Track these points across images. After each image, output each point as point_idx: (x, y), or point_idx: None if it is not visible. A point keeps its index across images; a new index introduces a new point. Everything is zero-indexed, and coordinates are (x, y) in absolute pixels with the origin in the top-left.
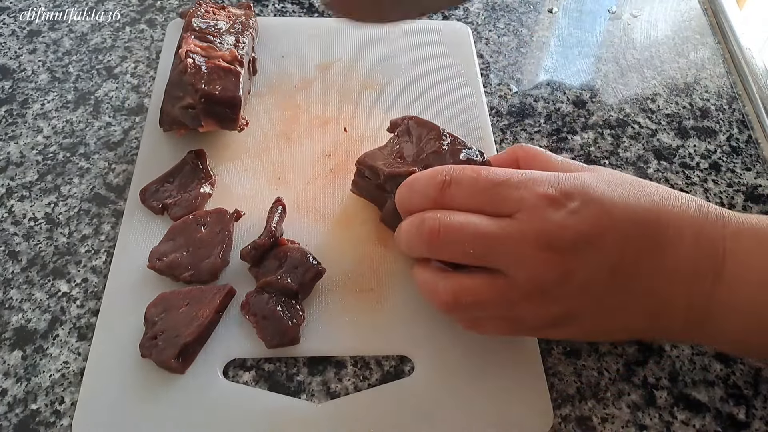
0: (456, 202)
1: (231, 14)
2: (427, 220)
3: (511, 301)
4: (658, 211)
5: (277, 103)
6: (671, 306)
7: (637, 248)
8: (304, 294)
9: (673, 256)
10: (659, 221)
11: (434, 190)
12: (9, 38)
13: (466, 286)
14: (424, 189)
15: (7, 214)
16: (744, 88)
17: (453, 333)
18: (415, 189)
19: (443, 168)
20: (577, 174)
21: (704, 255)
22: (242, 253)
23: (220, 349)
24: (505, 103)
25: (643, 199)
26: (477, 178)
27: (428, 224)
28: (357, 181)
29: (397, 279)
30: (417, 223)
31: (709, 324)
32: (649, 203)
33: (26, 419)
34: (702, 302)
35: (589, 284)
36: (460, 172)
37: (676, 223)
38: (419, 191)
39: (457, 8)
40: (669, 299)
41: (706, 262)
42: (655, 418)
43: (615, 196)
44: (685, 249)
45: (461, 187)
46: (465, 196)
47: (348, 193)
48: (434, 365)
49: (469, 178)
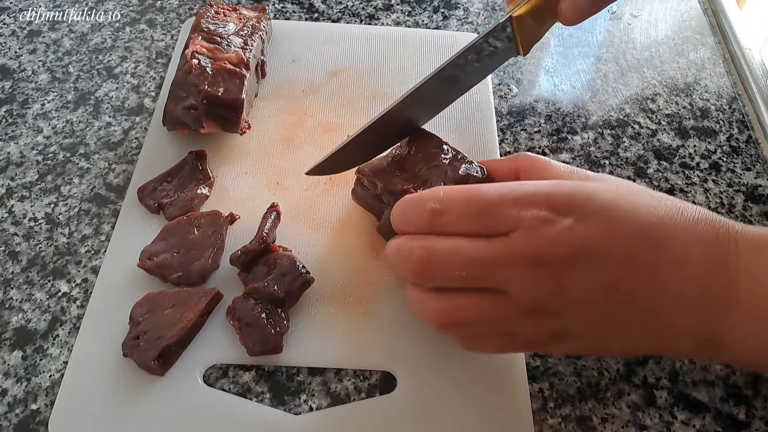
0: (448, 228)
1: (242, 16)
2: (416, 250)
3: (507, 317)
4: (665, 226)
5: (283, 107)
6: (678, 332)
7: (639, 268)
8: (290, 302)
9: (678, 278)
10: (665, 238)
11: (425, 220)
12: (9, 38)
13: (459, 305)
14: (414, 217)
15: (8, 214)
16: (744, 88)
17: (437, 350)
18: (406, 216)
19: (432, 194)
20: (577, 184)
21: (714, 276)
22: (232, 258)
23: (202, 353)
24: (505, 103)
25: (650, 214)
26: (468, 203)
27: (417, 254)
28: (356, 190)
29: (386, 292)
30: (406, 250)
31: (722, 347)
32: (656, 217)
33: (26, 419)
34: (713, 328)
35: (583, 302)
36: (449, 198)
37: (684, 240)
38: (410, 218)
39: (457, 8)
40: (674, 324)
41: (716, 284)
42: (655, 418)
43: (618, 209)
44: (694, 270)
45: (452, 214)
46: (457, 222)
47: (346, 201)
48: (417, 382)
49: (459, 203)
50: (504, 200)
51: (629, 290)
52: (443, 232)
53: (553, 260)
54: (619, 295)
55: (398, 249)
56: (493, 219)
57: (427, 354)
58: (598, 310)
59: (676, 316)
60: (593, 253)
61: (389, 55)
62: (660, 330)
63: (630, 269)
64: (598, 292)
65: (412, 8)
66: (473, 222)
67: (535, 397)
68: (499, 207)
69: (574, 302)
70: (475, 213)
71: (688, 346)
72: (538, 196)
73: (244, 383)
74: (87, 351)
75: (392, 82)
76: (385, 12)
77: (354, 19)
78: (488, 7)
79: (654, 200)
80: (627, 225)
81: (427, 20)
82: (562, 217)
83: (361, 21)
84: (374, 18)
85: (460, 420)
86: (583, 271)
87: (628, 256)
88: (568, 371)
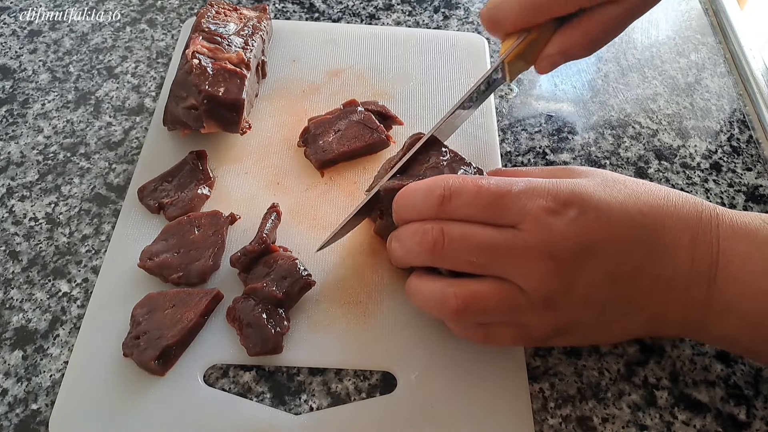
0: (456, 215)
1: (243, 16)
2: (429, 231)
3: (519, 307)
4: (655, 213)
5: (284, 107)
6: (667, 312)
7: (637, 255)
8: (290, 303)
9: (671, 262)
10: (656, 225)
11: (434, 204)
12: (9, 38)
13: (475, 291)
14: (422, 203)
15: (8, 214)
16: (745, 88)
17: (437, 350)
18: (413, 201)
19: (442, 180)
20: (573, 180)
21: (699, 260)
22: (232, 260)
23: (202, 353)
24: (505, 103)
25: (640, 202)
26: (477, 192)
27: (432, 234)
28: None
29: (386, 293)
30: (420, 232)
31: (705, 326)
32: (646, 205)
33: (27, 419)
34: (697, 308)
35: (591, 293)
36: (459, 186)
37: (673, 225)
38: (417, 204)
39: (458, 8)
40: (666, 306)
41: (701, 267)
42: (655, 418)
43: (612, 201)
44: (682, 254)
45: (461, 201)
46: (465, 209)
47: (346, 202)
48: (417, 382)
49: (469, 191)
50: (511, 190)
51: (629, 278)
52: (451, 218)
53: (562, 254)
54: (620, 284)
55: (411, 232)
56: (501, 208)
57: (427, 354)
58: (601, 301)
59: (668, 301)
60: (596, 245)
61: (389, 55)
62: (653, 315)
63: (628, 258)
64: (601, 284)
65: (413, 8)
66: (482, 210)
67: (535, 397)
68: (509, 197)
69: (580, 295)
70: (484, 202)
71: (675, 328)
72: (542, 188)
73: (244, 383)
74: (87, 351)
75: (392, 82)
76: (385, 12)
77: (354, 19)
78: None
79: (640, 187)
80: (622, 215)
81: (427, 20)
82: (566, 209)
83: (362, 21)
84: (375, 18)
85: (460, 420)
86: (589, 264)
87: (626, 246)
88: (568, 371)
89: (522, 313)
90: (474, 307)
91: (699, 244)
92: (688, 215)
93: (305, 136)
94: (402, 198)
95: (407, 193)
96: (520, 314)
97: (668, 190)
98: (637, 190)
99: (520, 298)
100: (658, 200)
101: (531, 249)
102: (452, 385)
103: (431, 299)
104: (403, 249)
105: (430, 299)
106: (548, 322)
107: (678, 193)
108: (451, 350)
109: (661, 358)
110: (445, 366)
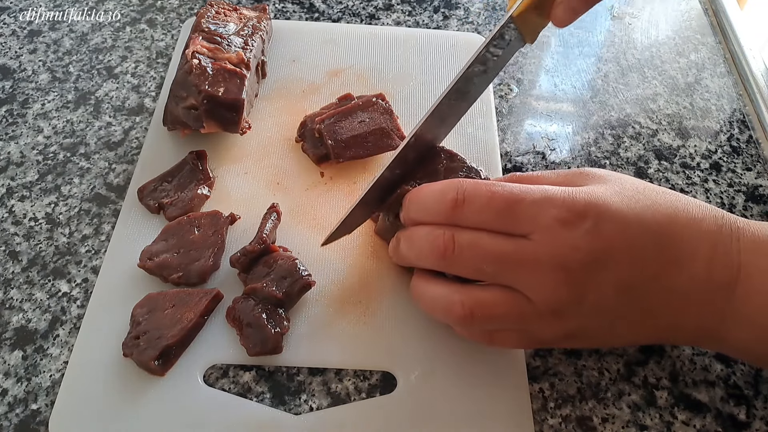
0: (469, 220)
1: (243, 16)
2: (440, 236)
3: (526, 316)
4: (673, 224)
5: (284, 107)
6: (681, 325)
7: (651, 265)
8: (290, 303)
9: (687, 274)
10: (673, 236)
11: (446, 208)
12: (9, 38)
13: (481, 300)
14: (435, 205)
15: (8, 214)
16: (744, 88)
17: (438, 350)
18: (425, 203)
19: (456, 184)
20: (589, 188)
21: (717, 273)
22: (232, 260)
23: (202, 353)
24: (505, 103)
25: (658, 213)
26: (491, 198)
27: (442, 240)
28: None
29: (386, 293)
30: (430, 236)
31: (719, 336)
32: (664, 216)
33: (26, 419)
34: (713, 319)
35: (602, 304)
36: (472, 191)
37: (691, 237)
38: (429, 206)
39: (458, 8)
40: (680, 316)
41: (719, 280)
42: (655, 418)
43: (628, 211)
44: (699, 267)
45: (474, 206)
46: (478, 215)
47: (345, 202)
48: (417, 382)
49: (482, 197)
50: (525, 199)
51: (642, 288)
52: (463, 224)
53: (572, 265)
54: (633, 294)
55: (422, 235)
56: (514, 217)
57: (427, 354)
58: (612, 310)
59: (682, 312)
60: (609, 256)
61: (389, 55)
62: (666, 325)
63: (642, 268)
64: (612, 293)
65: (413, 8)
66: (494, 218)
67: (535, 397)
68: (523, 205)
69: (591, 305)
70: (497, 210)
71: (689, 337)
72: (557, 198)
73: (244, 383)
74: (87, 351)
75: (392, 82)
76: (385, 12)
77: (354, 19)
78: (489, 7)
79: (659, 196)
80: (639, 226)
81: (427, 20)
82: (581, 221)
83: (362, 21)
84: (375, 18)
85: (460, 420)
86: (600, 275)
87: (641, 256)
88: (568, 371)
89: (529, 321)
90: (480, 316)
91: (718, 257)
92: (708, 228)
93: (302, 131)
94: (414, 198)
95: (419, 194)
96: (527, 322)
97: (688, 200)
98: (656, 200)
99: (528, 307)
100: (677, 211)
101: (541, 260)
102: (452, 385)
103: (437, 305)
104: (411, 251)
105: (436, 305)
106: (556, 330)
107: (698, 204)
108: (451, 350)
109: (661, 358)
110: (445, 366)
